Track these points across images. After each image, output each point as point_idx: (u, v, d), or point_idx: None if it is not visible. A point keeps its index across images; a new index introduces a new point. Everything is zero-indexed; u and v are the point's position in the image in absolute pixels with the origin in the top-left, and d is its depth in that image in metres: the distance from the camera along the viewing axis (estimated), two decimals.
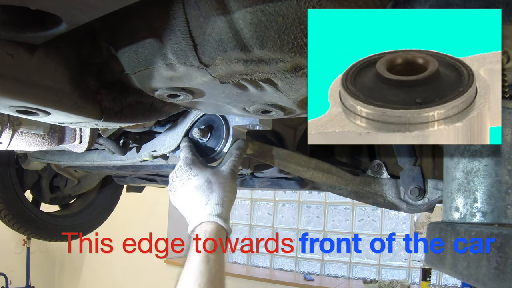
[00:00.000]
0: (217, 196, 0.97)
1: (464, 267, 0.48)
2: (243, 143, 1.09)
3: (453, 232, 0.50)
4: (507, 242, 0.44)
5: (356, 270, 4.40)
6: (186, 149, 1.11)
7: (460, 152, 0.55)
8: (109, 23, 0.69)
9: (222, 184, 0.99)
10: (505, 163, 0.51)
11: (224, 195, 0.98)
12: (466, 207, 0.53)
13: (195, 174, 1.00)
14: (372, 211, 4.38)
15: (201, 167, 1.02)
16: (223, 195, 0.98)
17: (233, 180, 1.02)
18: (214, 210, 0.95)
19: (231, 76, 0.69)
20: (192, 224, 0.96)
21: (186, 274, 0.87)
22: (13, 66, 0.66)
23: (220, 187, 0.98)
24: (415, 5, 0.51)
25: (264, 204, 4.95)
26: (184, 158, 1.06)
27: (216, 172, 1.01)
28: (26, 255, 4.67)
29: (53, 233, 2.06)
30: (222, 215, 0.95)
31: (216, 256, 0.89)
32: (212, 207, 0.95)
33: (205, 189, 0.97)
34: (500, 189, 0.51)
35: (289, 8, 0.54)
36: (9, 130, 1.03)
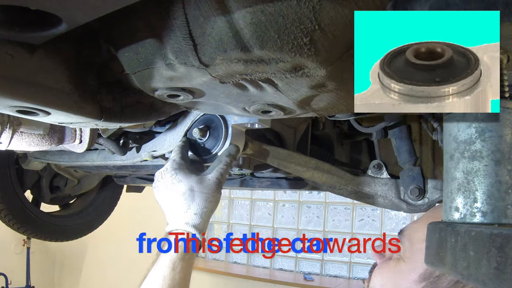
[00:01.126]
0: (197, 206, 0.98)
1: (464, 267, 0.48)
2: (234, 149, 1.07)
3: (453, 232, 0.50)
4: (507, 242, 0.44)
5: (356, 270, 4.39)
6: (177, 150, 1.10)
7: (460, 152, 0.55)
8: (109, 23, 0.69)
9: (204, 194, 0.99)
10: (505, 163, 0.52)
11: (205, 206, 0.98)
12: (466, 207, 0.53)
13: (179, 180, 1.00)
14: (372, 211, 4.38)
15: (187, 174, 1.01)
16: (203, 205, 0.98)
17: (217, 190, 1.01)
18: (191, 219, 0.97)
19: (231, 76, 0.69)
20: (169, 226, 0.99)
21: (151, 276, 0.92)
22: (13, 66, 0.66)
23: (202, 197, 0.99)
24: (415, 6, 0.51)
25: (264, 204, 4.95)
26: (171, 161, 1.05)
27: (201, 180, 1.01)
28: (26, 255, 4.67)
29: (53, 233, 2.06)
30: (198, 226, 0.97)
31: (183, 264, 0.92)
32: (190, 216, 0.97)
33: (187, 197, 0.98)
34: (500, 189, 0.51)
35: (289, 8, 0.55)
36: (9, 130, 1.03)
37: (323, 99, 0.79)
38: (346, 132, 1.75)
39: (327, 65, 0.64)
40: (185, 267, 0.93)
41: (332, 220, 4.60)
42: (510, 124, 0.53)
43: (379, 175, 1.26)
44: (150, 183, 1.96)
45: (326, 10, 0.54)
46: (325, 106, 0.84)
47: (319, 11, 0.54)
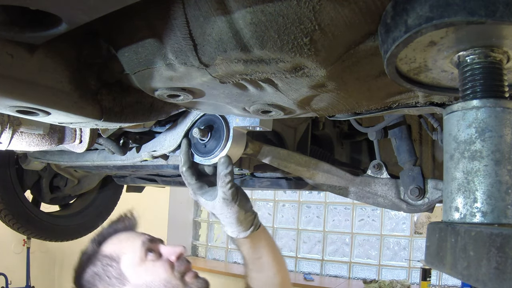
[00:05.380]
0: (225, 226, 1.17)
1: (464, 267, 0.48)
2: (227, 165, 1.08)
3: (453, 232, 0.50)
4: (507, 242, 0.44)
5: (356, 270, 4.39)
6: (188, 176, 1.16)
7: (460, 152, 0.55)
8: (109, 23, 0.69)
9: (221, 215, 1.14)
10: (505, 163, 0.51)
11: (227, 221, 1.14)
12: (466, 207, 0.53)
13: (204, 205, 1.16)
14: (372, 211, 4.38)
15: (203, 202, 1.15)
16: (226, 221, 1.15)
17: (228, 206, 1.11)
18: (232, 233, 1.18)
19: (231, 76, 0.69)
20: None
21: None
22: (13, 66, 0.66)
23: (221, 218, 1.15)
24: (415, 5, 0.51)
25: (264, 204, 4.95)
26: (189, 186, 1.17)
27: (213, 206, 1.13)
28: (26, 255, 4.67)
29: (53, 233, 2.06)
30: (233, 235, 1.18)
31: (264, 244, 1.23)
32: (229, 232, 1.18)
33: (217, 218, 1.18)
34: (500, 189, 0.51)
35: (289, 8, 0.54)
36: (9, 130, 1.03)
37: (323, 99, 0.79)
38: (346, 132, 1.75)
39: (327, 65, 0.64)
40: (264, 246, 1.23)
41: (332, 220, 4.59)
42: (510, 124, 0.52)
43: (379, 175, 1.26)
44: (150, 183, 1.96)
45: (326, 10, 0.54)
46: (325, 106, 0.84)
47: (319, 11, 0.54)
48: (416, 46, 0.58)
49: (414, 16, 0.50)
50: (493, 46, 0.55)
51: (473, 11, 0.47)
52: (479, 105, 0.53)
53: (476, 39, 0.55)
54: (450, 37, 0.55)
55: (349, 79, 0.71)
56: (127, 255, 1.09)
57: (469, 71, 0.56)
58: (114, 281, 1.07)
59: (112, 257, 1.10)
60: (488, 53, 0.55)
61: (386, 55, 0.56)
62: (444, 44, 0.56)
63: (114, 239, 1.17)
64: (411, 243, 4.17)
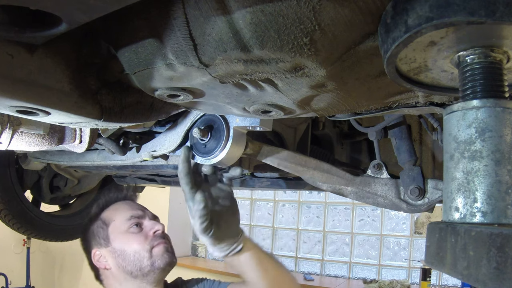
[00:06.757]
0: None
1: (464, 267, 0.48)
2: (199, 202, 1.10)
3: (453, 232, 0.50)
4: (507, 242, 0.44)
5: (356, 270, 4.40)
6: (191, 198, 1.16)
7: (460, 152, 0.55)
8: (109, 23, 0.69)
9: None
10: (505, 163, 0.51)
11: (228, 228, 1.18)
12: (466, 207, 0.53)
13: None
14: (372, 211, 4.38)
15: (190, 213, 1.19)
16: (228, 229, 1.19)
17: (201, 235, 1.13)
18: (209, 249, 1.21)
19: (231, 76, 0.69)
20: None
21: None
22: (13, 66, 0.66)
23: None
24: (415, 5, 0.51)
25: (264, 204, 4.95)
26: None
27: (194, 223, 1.18)
28: (26, 255, 4.66)
29: (53, 233, 2.06)
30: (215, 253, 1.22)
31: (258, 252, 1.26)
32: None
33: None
34: (500, 189, 0.51)
35: (289, 8, 0.54)
36: (9, 130, 1.03)
37: (323, 99, 0.79)
38: (346, 132, 1.75)
39: (327, 65, 0.64)
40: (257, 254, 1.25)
41: (332, 220, 4.60)
42: (510, 124, 0.52)
43: (379, 175, 1.26)
44: (150, 183, 1.96)
45: (326, 10, 0.54)
46: (325, 106, 0.84)
47: (319, 11, 0.54)
48: (416, 46, 0.57)
49: (414, 16, 0.50)
50: (493, 46, 0.55)
51: (473, 11, 0.47)
52: (479, 105, 0.53)
53: (476, 39, 0.55)
54: (450, 37, 0.55)
55: (349, 79, 0.71)
56: (115, 222, 1.38)
57: (469, 71, 0.56)
58: (102, 241, 1.36)
59: (104, 222, 1.40)
60: (488, 53, 0.55)
61: (386, 55, 0.56)
62: (444, 44, 0.56)
63: (112, 207, 1.44)
64: (411, 243, 4.17)
